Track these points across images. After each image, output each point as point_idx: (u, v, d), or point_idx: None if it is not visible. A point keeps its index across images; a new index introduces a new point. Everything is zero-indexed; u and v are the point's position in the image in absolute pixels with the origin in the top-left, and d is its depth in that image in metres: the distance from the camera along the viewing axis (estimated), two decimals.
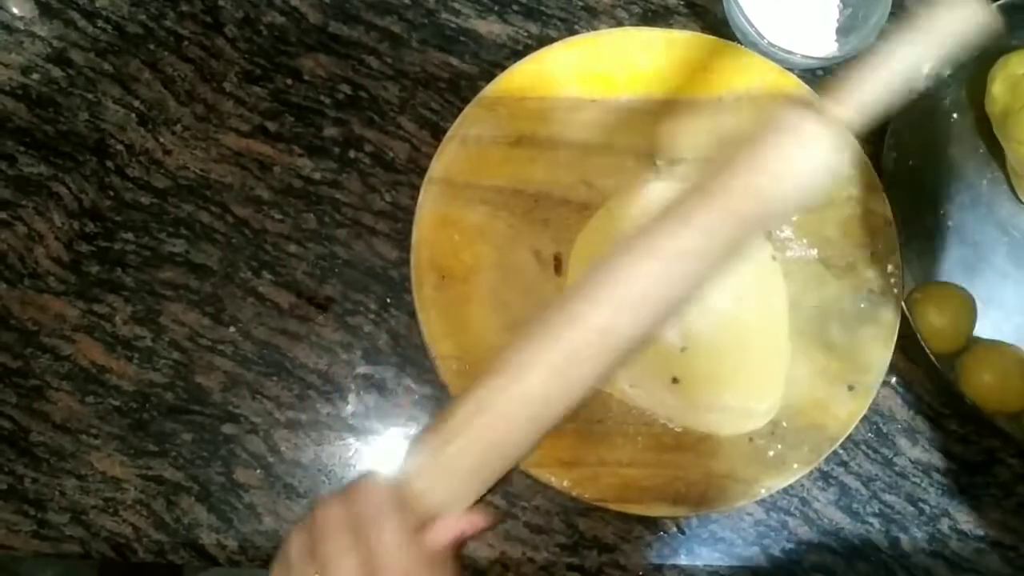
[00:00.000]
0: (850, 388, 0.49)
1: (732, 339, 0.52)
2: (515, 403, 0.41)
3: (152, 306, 0.52)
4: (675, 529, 0.51)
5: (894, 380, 0.54)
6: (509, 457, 0.41)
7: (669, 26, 0.57)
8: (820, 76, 0.57)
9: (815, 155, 0.37)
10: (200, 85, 0.55)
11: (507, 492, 0.51)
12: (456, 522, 0.38)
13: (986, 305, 0.53)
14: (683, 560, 0.51)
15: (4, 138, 0.54)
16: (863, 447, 0.53)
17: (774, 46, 0.51)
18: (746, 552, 0.52)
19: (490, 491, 0.40)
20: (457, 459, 0.40)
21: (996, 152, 0.55)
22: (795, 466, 0.48)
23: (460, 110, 0.51)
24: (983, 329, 0.53)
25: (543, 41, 0.56)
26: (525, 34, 0.57)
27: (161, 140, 0.54)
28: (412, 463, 0.41)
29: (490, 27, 0.57)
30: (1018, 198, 0.56)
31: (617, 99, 0.52)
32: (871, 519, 0.52)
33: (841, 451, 0.52)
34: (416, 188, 0.51)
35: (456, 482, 0.40)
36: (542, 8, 0.57)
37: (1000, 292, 0.55)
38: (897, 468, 0.53)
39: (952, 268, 0.55)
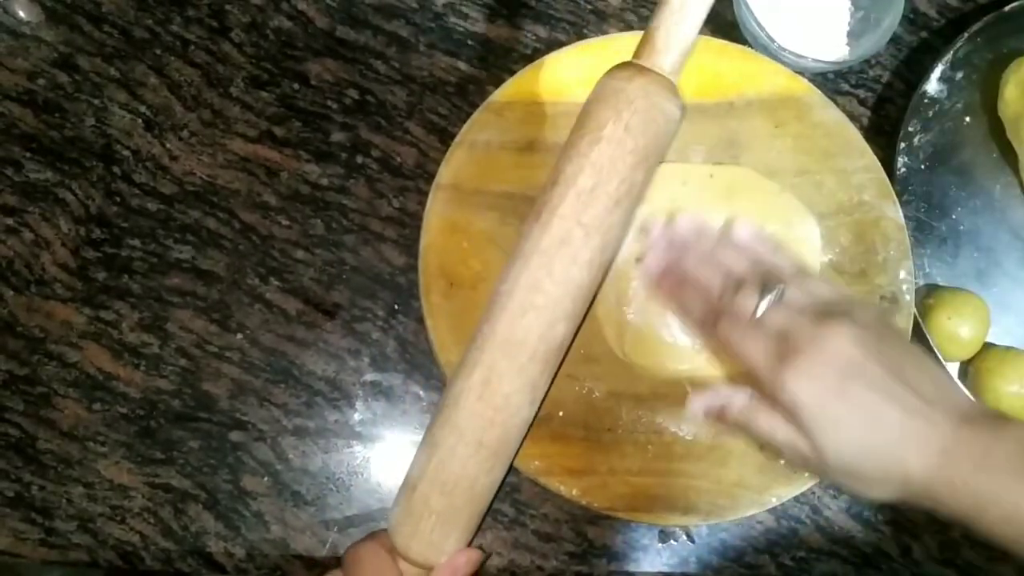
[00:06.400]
0: None
1: None
2: (452, 436, 0.41)
3: (159, 313, 0.52)
4: (685, 537, 0.51)
5: None
6: (475, 493, 0.42)
7: None
8: (832, 80, 0.56)
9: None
10: (207, 90, 0.55)
11: (516, 500, 0.50)
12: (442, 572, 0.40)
13: (999, 311, 0.53)
14: (693, 568, 0.51)
15: (10, 144, 0.53)
16: None
17: (785, 50, 0.51)
18: (756, 560, 0.51)
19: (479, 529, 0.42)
20: (421, 504, 0.41)
21: (1009, 156, 0.55)
22: (806, 475, 0.48)
23: (468, 115, 0.50)
24: (996, 335, 0.52)
25: (552, 45, 0.56)
26: (534, 38, 0.57)
27: (168, 146, 0.54)
28: (393, 515, 0.42)
29: (498, 31, 0.56)
30: None
31: None
32: (882, 527, 0.52)
33: None
34: (424, 194, 0.51)
35: (429, 529, 0.41)
36: (551, 12, 0.57)
37: (1013, 298, 0.54)
38: None
39: (965, 274, 0.54)
